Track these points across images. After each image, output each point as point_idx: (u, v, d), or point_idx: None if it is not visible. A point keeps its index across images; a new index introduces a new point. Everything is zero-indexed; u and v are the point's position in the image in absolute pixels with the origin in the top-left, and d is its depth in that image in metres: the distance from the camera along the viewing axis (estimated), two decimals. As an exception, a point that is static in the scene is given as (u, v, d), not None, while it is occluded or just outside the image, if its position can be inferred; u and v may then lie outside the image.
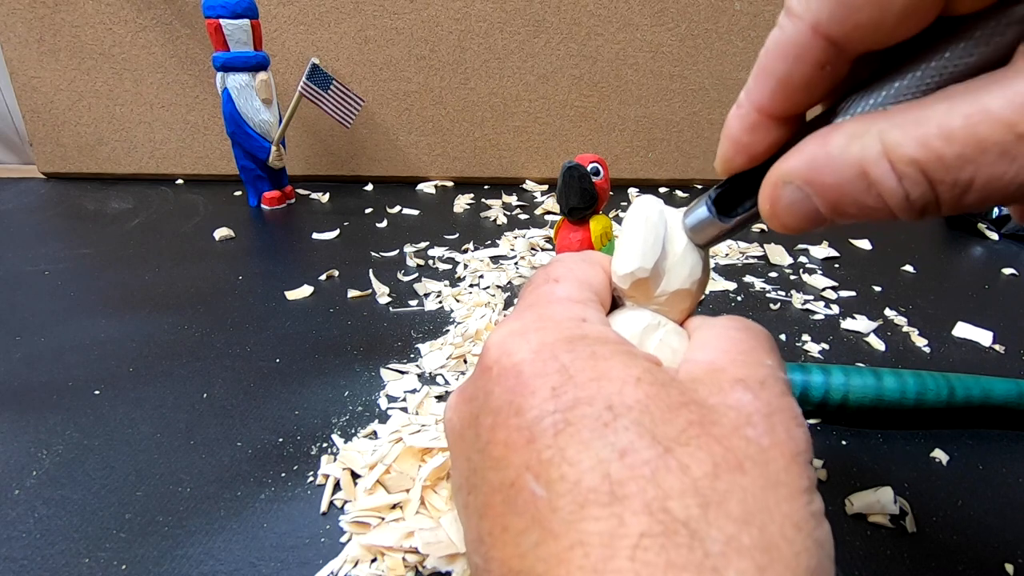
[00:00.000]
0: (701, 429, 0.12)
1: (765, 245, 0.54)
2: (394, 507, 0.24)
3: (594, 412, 0.12)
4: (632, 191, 0.74)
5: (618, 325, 0.16)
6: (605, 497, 0.11)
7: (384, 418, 0.30)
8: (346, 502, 0.24)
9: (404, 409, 0.30)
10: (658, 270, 0.16)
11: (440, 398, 0.31)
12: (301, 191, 0.72)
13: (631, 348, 0.14)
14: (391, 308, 0.42)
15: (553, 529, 0.12)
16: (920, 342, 0.38)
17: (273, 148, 0.62)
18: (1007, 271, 0.51)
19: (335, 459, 0.27)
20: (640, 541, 0.11)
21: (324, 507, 0.24)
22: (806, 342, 0.38)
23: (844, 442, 0.28)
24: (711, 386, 0.13)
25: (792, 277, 0.48)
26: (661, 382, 0.13)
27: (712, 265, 0.18)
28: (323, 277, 0.47)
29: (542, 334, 0.14)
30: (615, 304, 0.18)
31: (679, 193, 0.75)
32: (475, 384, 0.15)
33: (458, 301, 0.43)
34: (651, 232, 0.16)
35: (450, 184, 0.77)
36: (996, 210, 0.58)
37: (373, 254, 0.52)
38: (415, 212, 0.65)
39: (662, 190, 0.75)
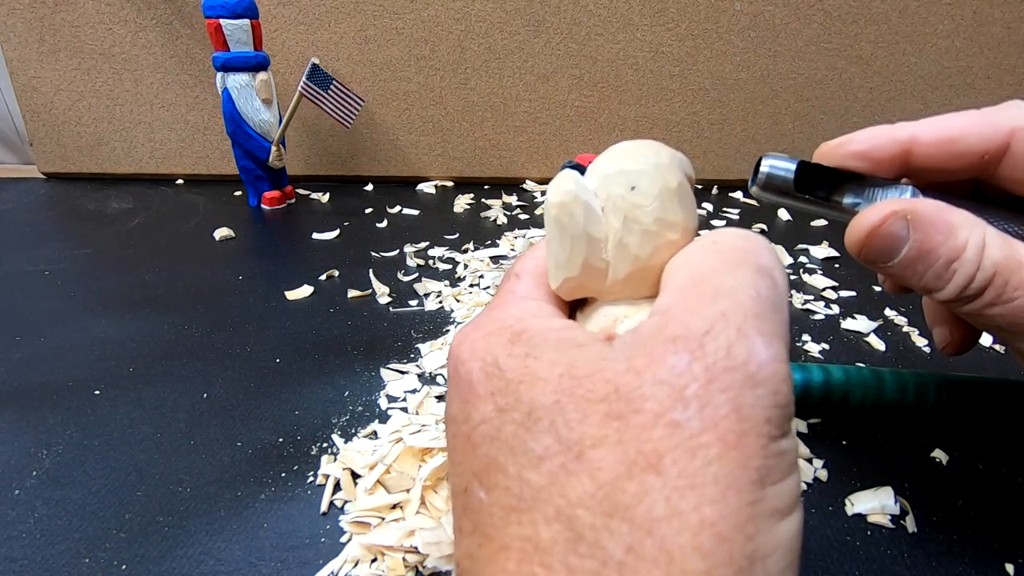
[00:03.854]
0: (620, 423, 0.11)
1: (765, 245, 0.54)
2: (394, 507, 0.24)
3: (519, 417, 0.12)
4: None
5: (583, 322, 0.15)
6: (525, 504, 0.11)
7: (384, 418, 0.30)
8: (346, 502, 0.24)
9: (404, 409, 0.30)
10: (592, 266, 0.14)
11: (440, 398, 0.31)
12: (301, 191, 0.72)
13: (572, 335, 0.13)
14: (391, 308, 0.42)
15: (488, 533, 0.12)
16: (920, 342, 0.38)
17: (273, 148, 0.62)
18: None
19: (335, 459, 0.27)
20: (548, 548, 0.11)
21: (324, 507, 0.24)
22: (806, 342, 0.38)
23: (844, 442, 0.28)
24: (645, 357, 0.11)
25: (792, 277, 0.48)
26: (586, 374, 0.12)
27: (676, 227, 0.15)
28: (323, 277, 0.47)
29: (489, 339, 0.14)
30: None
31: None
32: (447, 393, 0.15)
33: (458, 301, 0.43)
34: (565, 234, 0.14)
35: (450, 184, 0.77)
36: None
37: (373, 254, 0.52)
38: (415, 212, 0.65)
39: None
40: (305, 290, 0.44)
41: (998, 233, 0.16)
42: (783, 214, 0.65)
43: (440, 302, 0.43)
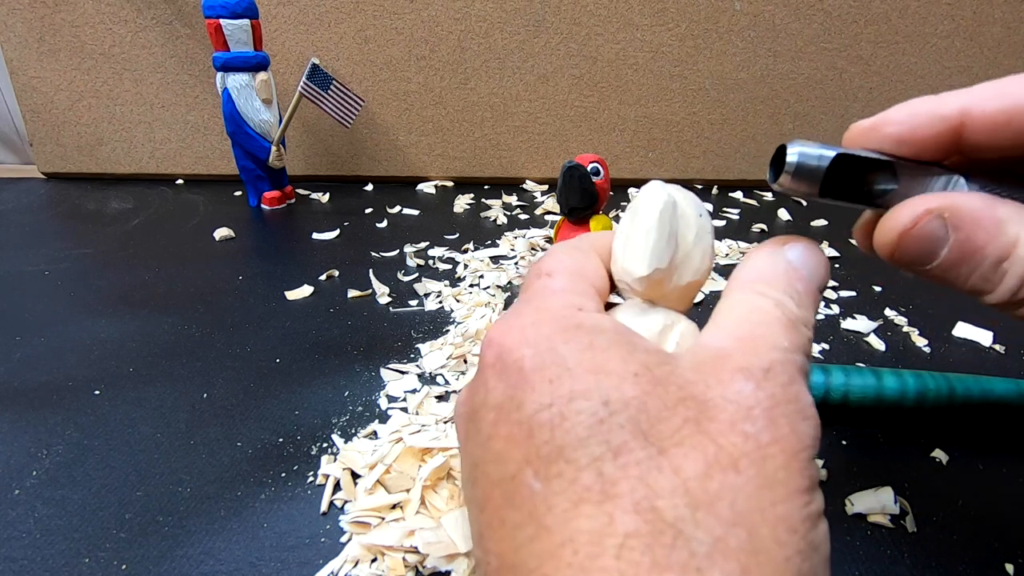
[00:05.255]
0: (696, 427, 0.12)
1: (765, 245, 0.54)
2: (394, 507, 0.24)
3: (590, 407, 0.12)
4: (632, 191, 0.74)
5: (630, 324, 0.16)
6: (597, 495, 0.11)
7: (384, 418, 0.30)
8: (346, 502, 0.24)
9: (404, 409, 0.30)
10: (672, 266, 0.16)
11: (440, 398, 0.31)
12: (301, 191, 0.72)
13: (630, 338, 0.14)
14: (391, 308, 0.42)
15: (547, 525, 0.12)
16: (920, 342, 0.38)
17: (273, 148, 0.62)
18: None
19: (335, 459, 0.27)
20: (626, 540, 0.11)
21: (324, 507, 0.24)
22: (806, 342, 0.38)
23: (844, 442, 0.28)
24: (712, 376, 0.13)
25: (792, 277, 0.48)
26: (659, 377, 0.13)
27: (712, 264, 0.17)
28: (323, 277, 0.47)
29: (539, 328, 0.14)
30: (615, 289, 0.17)
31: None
32: (477, 380, 0.15)
33: (458, 301, 0.43)
34: (665, 228, 0.15)
35: (450, 184, 0.77)
36: None
37: (373, 254, 0.52)
38: (415, 212, 0.65)
39: (662, 190, 0.75)
40: (305, 290, 0.44)
41: None
42: (783, 214, 0.65)
43: (440, 302, 0.43)
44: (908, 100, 0.15)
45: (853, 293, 0.45)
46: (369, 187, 0.75)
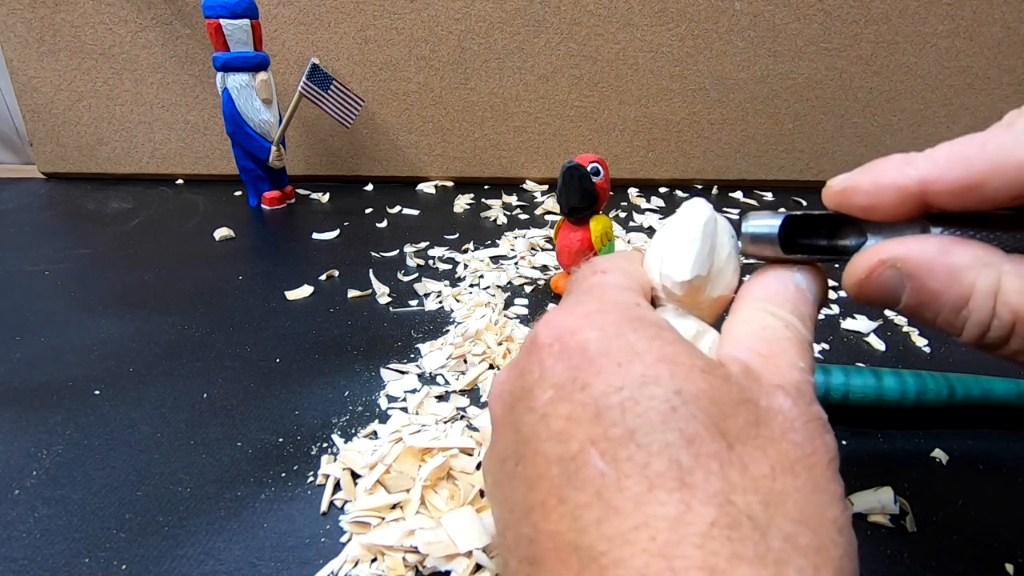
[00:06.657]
0: (757, 430, 0.13)
1: (765, 245, 0.54)
2: (394, 507, 0.24)
3: (663, 394, 0.12)
4: (632, 191, 0.74)
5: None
6: (672, 482, 0.11)
7: (384, 418, 0.30)
8: (346, 502, 0.24)
9: (404, 409, 0.30)
10: (709, 276, 0.17)
11: (440, 398, 0.31)
12: (301, 191, 0.72)
13: (682, 338, 0.14)
14: (391, 308, 0.42)
15: (617, 507, 0.12)
16: (920, 342, 0.38)
17: (273, 148, 0.62)
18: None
19: (335, 459, 0.27)
20: (709, 530, 0.11)
21: (324, 507, 0.24)
22: (806, 342, 0.38)
23: (844, 442, 0.28)
24: (758, 388, 0.13)
25: (792, 277, 0.48)
26: (724, 376, 0.13)
27: (739, 283, 0.18)
28: (323, 277, 0.47)
29: (604, 315, 0.14)
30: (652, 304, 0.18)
31: (679, 193, 0.75)
32: (528, 360, 0.15)
33: (458, 301, 0.43)
34: (708, 239, 0.17)
35: (450, 184, 0.77)
36: None
37: (373, 254, 0.52)
38: (415, 212, 0.65)
39: (662, 190, 0.75)
40: (305, 290, 0.44)
41: (1021, 272, 0.13)
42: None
43: (440, 302, 0.43)
44: (875, 161, 0.15)
45: (853, 293, 0.45)
46: (369, 187, 0.75)
